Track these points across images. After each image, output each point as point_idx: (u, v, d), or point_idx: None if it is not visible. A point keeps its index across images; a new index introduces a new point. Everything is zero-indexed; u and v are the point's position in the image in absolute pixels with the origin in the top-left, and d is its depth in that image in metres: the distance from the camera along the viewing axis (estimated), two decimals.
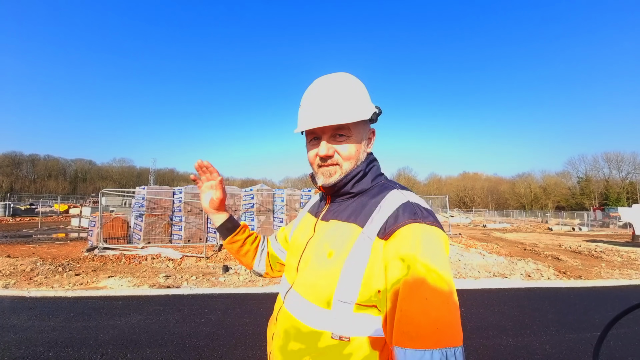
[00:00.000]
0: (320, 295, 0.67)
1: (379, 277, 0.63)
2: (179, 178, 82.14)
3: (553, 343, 3.23)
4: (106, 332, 3.25)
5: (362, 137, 0.77)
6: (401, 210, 0.65)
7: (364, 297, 0.64)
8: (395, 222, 0.64)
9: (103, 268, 6.85)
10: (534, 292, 5.24)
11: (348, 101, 0.73)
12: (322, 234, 0.75)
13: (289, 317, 0.73)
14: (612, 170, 61.67)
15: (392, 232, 0.63)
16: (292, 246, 0.86)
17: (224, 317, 3.76)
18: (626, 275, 7.11)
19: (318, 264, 0.70)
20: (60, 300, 4.34)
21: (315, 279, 0.69)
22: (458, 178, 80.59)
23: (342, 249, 0.67)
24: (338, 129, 0.74)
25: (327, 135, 0.75)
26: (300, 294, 0.72)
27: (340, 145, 0.74)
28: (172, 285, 5.58)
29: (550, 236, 18.28)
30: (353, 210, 0.73)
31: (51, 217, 23.14)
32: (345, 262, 0.66)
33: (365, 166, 0.76)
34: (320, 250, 0.72)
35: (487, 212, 52.61)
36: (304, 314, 0.69)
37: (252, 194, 10.63)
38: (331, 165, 0.75)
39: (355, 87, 0.76)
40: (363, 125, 0.77)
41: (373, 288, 0.63)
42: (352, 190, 0.76)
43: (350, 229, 0.70)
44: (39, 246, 9.47)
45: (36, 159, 74.67)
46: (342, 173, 0.75)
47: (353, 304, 0.64)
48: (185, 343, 3.05)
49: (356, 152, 0.75)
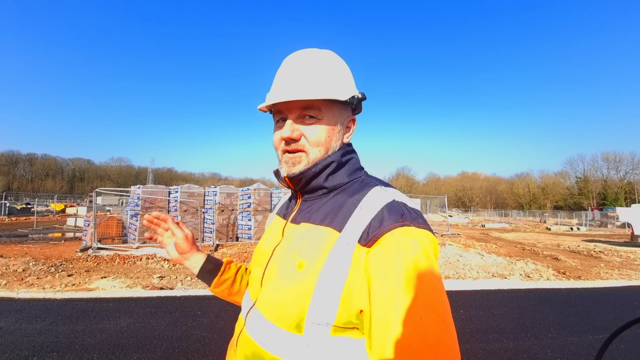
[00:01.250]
0: (289, 317, 0.55)
1: (361, 293, 0.52)
2: (177, 177, 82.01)
3: (555, 347, 3.14)
4: (93, 336, 3.14)
5: (336, 122, 0.64)
6: (386, 211, 0.54)
7: (343, 318, 0.52)
8: (381, 226, 0.53)
9: (96, 268, 6.73)
10: (533, 293, 5.16)
11: (321, 77, 0.62)
12: (291, 240, 0.63)
13: (249, 342, 0.60)
14: (610, 170, 61.95)
15: (377, 237, 0.52)
16: (257, 254, 0.72)
17: (217, 320, 3.66)
18: (626, 275, 7.05)
19: (285, 278, 0.57)
20: (49, 302, 4.24)
21: (281, 296, 0.57)
22: (457, 178, 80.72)
23: (316, 258, 0.55)
24: (307, 109, 0.62)
25: (294, 114, 0.63)
26: (263, 314, 0.60)
27: (309, 127, 0.62)
28: (166, 286, 5.48)
29: (548, 236, 18.25)
30: (328, 210, 0.61)
31: (47, 217, 22.97)
32: (319, 274, 0.54)
33: (339, 157, 0.64)
34: (289, 259, 0.59)
35: (486, 212, 52.69)
36: (267, 340, 0.57)
37: (249, 194, 10.53)
38: (297, 152, 0.63)
39: (334, 64, 0.65)
40: (339, 108, 0.65)
41: (354, 307, 0.52)
42: (326, 184, 0.64)
43: (325, 233, 0.57)
44: (33, 246, 9.35)
45: (33, 158, 74.34)
46: (308, 162, 0.63)
47: (330, 326, 0.53)
48: (174, 348, 2.94)
49: (327, 139, 0.63)
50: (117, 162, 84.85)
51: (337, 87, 0.62)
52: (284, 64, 0.66)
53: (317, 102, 0.61)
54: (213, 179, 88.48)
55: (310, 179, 0.64)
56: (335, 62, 0.66)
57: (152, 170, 76.78)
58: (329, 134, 0.63)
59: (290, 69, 0.63)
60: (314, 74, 0.62)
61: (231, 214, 10.40)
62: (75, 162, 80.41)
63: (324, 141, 0.63)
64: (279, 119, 0.66)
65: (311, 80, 0.61)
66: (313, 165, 0.63)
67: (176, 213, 9.75)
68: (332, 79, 0.63)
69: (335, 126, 0.64)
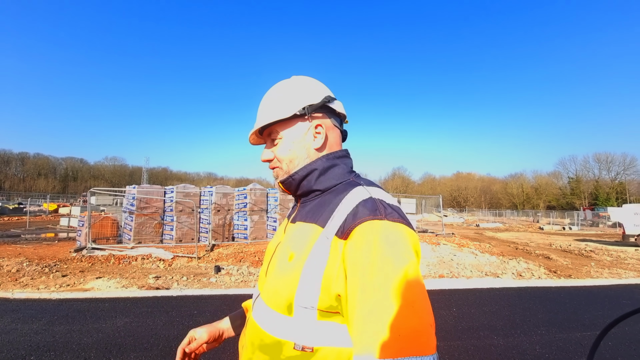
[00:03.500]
0: (281, 301, 0.63)
1: (338, 279, 0.58)
2: (172, 177, 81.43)
3: (543, 343, 3.24)
4: (90, 336, 3.16)
5: (296, 135, 0.73)
6: (361, 206, 0.60)
7: (325, 302, 0.59)
8: (354, 220, 0.59)
9: (91, 269, 6.71)
10: (524, 292, 5.27)
11: (270, 105, 0.74)
12: (289, 237, 0.72)
13: (255, 327, 0.69)
14: (601, 170, 62.89)
15: (350, 230, 0.58)
16: (266, 252, 0.83)
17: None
18: (615, 274, 7.20)
19: (280, 269, 0.67)
20: (45, 303, 4.23)
21: (276, 285, 0.66)
22: (452, 178, 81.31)
23: (302, 250, 0.64)
24: (270, 134, 0.75)
25: (267, 141, 0.77)
26: (264, 301, 0.69)
27: (277, 147, 0.75)
28: (162, 286, 5.48)
29: (541, 235, 18.51)
30: (318, 209, 0.69)
31: (40, 217, 22.70)
32: (304, 264, 0.62)
33: (324, 162, 0.72)
34: (283, 253, 0.68)
35: (480, 212, 53.18)
36: (267, 323, 0.66)
37: (245, 194, 10.54)
38: (274, 168, 0.76)
39: (281, 88, 0.76)
40: (294, 123, 0.73)
41: (332, 292, 0.58)
42: (316, 187, 0.72)
43: (311, 229, 0.66)
44: (26, 246, 9.26)
45: (26, 157, 73.31)
46: (285, 173, 0.74)
47: (315, 309, 0.60)
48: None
49: (291, 153, 0.73)
50: (111, 161, 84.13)
51: (281, 109, 0.72)
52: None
53: (273, 127, 0.74)
54: (209, 178, 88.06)
55: (299, 184, 0.73)
56: (283, 86, 0.76)
57: (146, 169, 76.09)
58: (292, 147, 0.73)
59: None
60: (264, 106, 0.76)
61: (227, 214, 10.40)
62: (68, 161, 79.46)
63: (289, 155, 0.73)
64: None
65: (262, 112, 0.75)
66: (292, 175, 0.73)
67: (172, 213, 9.73)
68: (277, 104, 0.73)
69: (296, 139, 0.73)
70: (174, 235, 9.56)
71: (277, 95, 0.74)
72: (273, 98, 0.74)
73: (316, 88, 0.75)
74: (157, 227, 9.59)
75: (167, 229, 9.73)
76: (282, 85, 0.76)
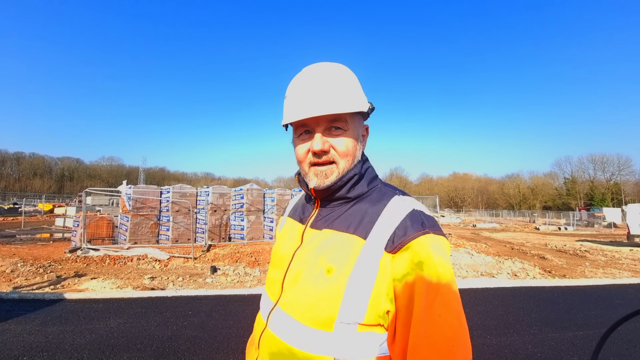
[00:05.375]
0: (320, 318, 0.59)
1: (387, 295, 0.58)
2: (169, 177, 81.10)
3: (536, 342, 3.26)
4: (83, 337, 3.15)
5: (358, 133, 0.69)
6: (409, 220, 0.60)
7: (371, 318, 0.58)
8: (405, 234, 0.59)
9: (86, 269, 6.68)
10: (519, 291, 5.30)
11: (344, 90, 0.65)
12: (315, 245, 0.66)
13: (276, 341, 0.63)
14: (597, 171, 63.36)
15: (403, 244, 0.58)
16: (275, 257, 0.75)
17: (208, 319, 3.68)
18: (610, 274, 7.26)
19: (315, 282, 0.61)
20: (38, 303, 4.20)
21: (312, 299, 0.60)
22: (449, 178, 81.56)
23: (344, 264, 0.60)
24: (334, 121, 0.65)
25: (321, 127, 0.66)
26: (290, 314, 0.63)
27: (337, 139, 0.66)
28: (157, 287, 5.47)
29: (537, 236, 18.62)
30: (352, 218, 0.65)
31: (35, 217, 22.52)
32: (349, 279, 0.58)
33: (360, 168, 0.69)
34: (316, 265, 0.62)
35: (477, 212, 53.43)
36: (297, 338, 0.60)
37: (242, 194, 10.53)
38: (327, 164, 0.66)
39: (350, 77, 0.69)
40: (359, 119, 0.70)
41: (381, 308, 0.58)
42: (349, 194, 0.68)
43: (351, 240, 0.62)
44: (21, 247, 9.19)
45: (21, 157, 72.72)
46: (339, 173, 0.66)
47: (357, 324, 0.58)
48: (164, 347, 2.97)
49: (353, 149, 0.67)
50: (107, 161, 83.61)
51: (359, 100, 0.67)
52: (302, 78, 0.68)
53: (343, 114, 0.65)
54: (206, 178, 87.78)
55: (337, 190, 0.68)
56: (351, 75, 0.69)
57: (143, 169, 75.74)
58: (354, 145, 0.68)
59: (312, 84, 0.65)
60: (337, 88, 0.65)
61: (224, 214, 10.38)
62: (64, 161, 78.92)
63: (352, 151, 0.67)
64: (302, 132, 0.68)
65: (337, 94, 0.64)
66: (340, 178, 0.66)
67: (168, 213, 9.69)
68: (354, 92, 0.67)
69: (358, 136, 0.69)
70: (170, 236, 9.53)
71: (349, 84, 0.67)
72: (345, 85, 0.66)
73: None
74: (153, 228, 9.55)
75: (163, 230, 9.70)
76: (345, 72, 0.68)
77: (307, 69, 0.69)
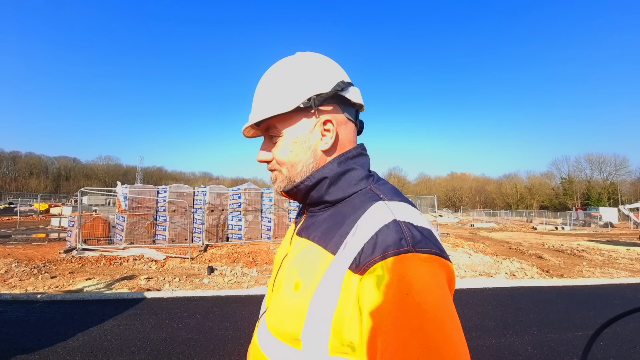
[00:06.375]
0: (287, 333, 0.53)
1: (352, 324, 0.46)
2: (167, 177, 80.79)
3: (535, 343, 3.23)
4: (76, 339, 3.09)
5: (300, 134, 0.58)
6: (382, 234, 0.47)
7: (335, 346, 0.48)
8: (373, 253, 0.46)
9: (81, 270, 6.60)
10: (517, 291, 5.28)
11: (267, 94, 0.59)
12: (295, 255, 0.59)
13: (257, 349, 0.60)
14: (593, 171, 63.78)
15: (368, 267, 0.45)
16: (274, 262, 0.71)
17: (204, 321, 3.63)
18: (607, 274, 7.27)
19: (285, 296, 0.55)
20: (32, 304, 4.14)
21: (281, 313, 0.55)
22: (447, 178, 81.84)
23: (310, 281, 0.52)
24: (267, 129, 0.60)
25: (266, 137, 0.63)
26: (267, 325, 0.59)
27: (275, 146, 0.60)
28: (153, 287, 5.40)
29: (534, 235, 18.68)
30: (327, 228, 0.56)
31: (31, 217, 22.30)
32: (311, 298, 0.50)
33: (335, 166, 0.58)
34: (289, 277, 0.56)
35: (475, 212, 53.56)
36: (272, 352, 0.56)
37: (239, 194, 10.46)
38: (273, 171, 0.62)
39: (282, 70, 0.59)
40: (298, 117, 0.58)
41: (345, 338, 0.47)
42: (327, 198, 0.59)
43: (319, 254, 0.53)
44: (16, 247, 9.09)
45: (17, 156, 72.23)
46: (284, 180, 0.60)
47: (326, 347, 0.49)
48: (159, 350, 2.91)
49: (293, 156, 0.58)
50: (104, 160, 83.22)
51: (280, 100, 0.57)
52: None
53: (270, 121, 0.58)
54: (204, 178, 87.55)
55: (305, 194, 0.60)
56: (284, 68, 0.60)
57: (140, 169, 75.39)
58: (294, 148, 0.59)
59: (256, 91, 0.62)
60: (260, 94, 0.60)
61: (221, 214, 10.32)
62: (60, 160, 78.43)
63: (291, 158, 0.59)
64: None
65: (258, 102, 0.60)
66: (297, 185, 0.59)
67: (165, 213, 9.62)
68: (276, 92, 0.58)
69: (300, 139, 0.59)
70: (167, 236, 9.45)
71: (277, 81, 0.59)
72: (271, 84, 0.59)
73: (326, 71, 0.59)
74: (150, 228, 9.47)
75: (159, 229, 9.62)
76: (282, 66, 0.60)
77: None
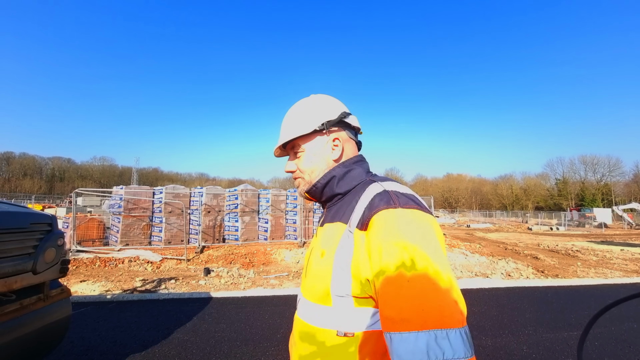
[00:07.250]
0: (319, 293, 0.70)
1: (364, 265, 0.63)
2: (163, 177, 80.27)
3: (530, 343, 3.25)
4: (70, 342, 3.05)
5: (317, 148, 0.81)
6: (377, 199, 0.67)
7: (357, 288, 0.64)
8: (370, 211, 0.65)
9: (75, 272, 6.53)
10: (513, 292, 5.32)
11: (292, 122, 0.83)
12: (319, 238, 0.79)
13: (300, 322, 0.76)
14: (587, 172, 64.38)
15: (368, 221, 0.65)
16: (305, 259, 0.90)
17: (200, 322, 3.61)
18: (601, 274, 7.34)
19: (315, 266, 0.74)
20: None
21: (313, 280, 0.72)
22: (443, 179, 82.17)
23: (331, 246, 0.70)
24: (293, 147, 0.84)
25: (290, 154, 0.86)
26: (305, 297, 0.76)
27: (299, 159, 0.83)
28: (149, 289, 5.36)
29: (529, 236, 18.83)
30: (339, 209, 0.77)
31: None
32: (334, 258, 0.68)
33: (342, 169, 0.79)
34: (316, 253, 0.75)
35: (471, 213, 53.91)
36: (310, 316, 0.72)
37: (236, 194, 10.43)
38: (297, 179, 0.85)
39: (302, 106, 0.85)
40: (313, 137, 0.82)
41: (362, 277, 0.63)
42: (337, 190, 0.79)
43: (336, 227, 0.73)
44: None
45: (11, 157, 71.40)
46: (306, 183, 0.82)
47: (350, 297, 0.65)
48: (155, 352, 2.89)
49: (312, 164, 0.81)
50: (99, 161, 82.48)
51: (302, 125, 0.81)
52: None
53: (295, 141, 0.83)
54: (200, 179, 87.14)
55: (322, 191, 0.81)
56: (303, 104, 0.85)
57: (136, 170, 74.88)
58: (314, 160, 0.81)
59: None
60: (287, 122, 0.85)
61: (218, 215, 10.27)
62: (54, 161, 77.63)
63: (311, 167, 0.82)
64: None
65: (285, 128, 0.84)
66: (313, 186, 0.81)
67: (161, 214, 9.55)
68: (298, 120, 0.82)
69: (317, 152, 0.81)
70: (163, 237, 9.38)
71: (298, 113, 0.83)
72: (294, 115, 0.83)
73: (333, 105, 0.84)
74: (146, 229, 9.40)
75: (155, 231, 9.55)
76: (302, 103, 0.85)
77: None
